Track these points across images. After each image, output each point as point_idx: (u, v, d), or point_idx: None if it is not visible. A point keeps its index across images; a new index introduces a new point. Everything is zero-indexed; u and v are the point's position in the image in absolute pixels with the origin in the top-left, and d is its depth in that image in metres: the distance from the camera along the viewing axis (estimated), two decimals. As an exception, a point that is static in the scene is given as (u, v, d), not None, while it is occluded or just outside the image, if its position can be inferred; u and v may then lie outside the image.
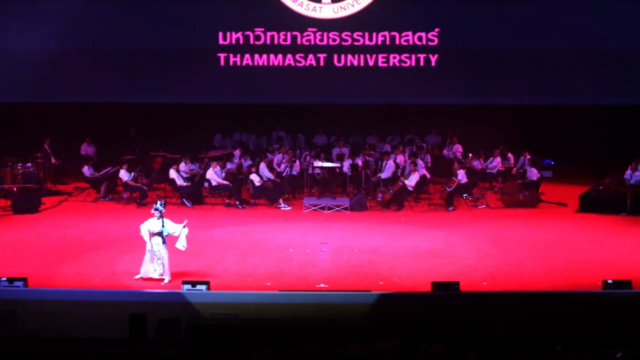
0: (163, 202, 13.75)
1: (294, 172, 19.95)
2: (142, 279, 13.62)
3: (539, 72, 21.34)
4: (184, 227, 13.56)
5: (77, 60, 21.35)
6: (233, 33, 21.92)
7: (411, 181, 18.81)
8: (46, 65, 21.05)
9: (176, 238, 13.55)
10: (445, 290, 12.73)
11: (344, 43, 21.85)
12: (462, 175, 19.12)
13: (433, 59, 21.79)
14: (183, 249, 13.63)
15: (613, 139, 21.10)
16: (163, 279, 13.49)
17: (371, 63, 21.93)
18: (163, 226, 13.45)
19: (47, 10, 20.86)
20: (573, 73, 21.18)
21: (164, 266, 13.53)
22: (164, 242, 13.49)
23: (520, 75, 21.40)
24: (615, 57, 21.07)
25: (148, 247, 13.58)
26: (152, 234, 13.51)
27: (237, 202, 19.13)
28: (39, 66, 21.01)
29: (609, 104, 21.53)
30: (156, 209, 13.47)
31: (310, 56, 21.92)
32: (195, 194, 19.31)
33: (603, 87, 21.36)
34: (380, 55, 21.87)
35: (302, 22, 21.77)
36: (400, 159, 19.89)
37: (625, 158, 19.58)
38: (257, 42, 21.89)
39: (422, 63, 21.83)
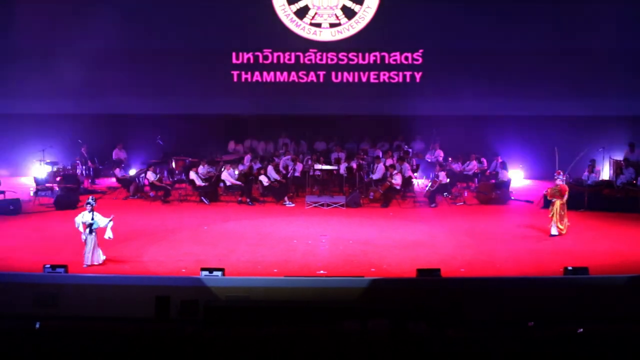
0: (94, 197, 14.18)
1: (297, 174, 19.94)
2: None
3: (507, 89, 21.47)
4: (110, 220, 13.75)
5: (112, 81, 21.47)
6: (245, 53, 21.98)
7: (396, 180, 18.83)
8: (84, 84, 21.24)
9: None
10: (428, 276, 12.72)
11: (340, 62, 21.93)
12: (443, 177, 19.15)
13: (418, 75, 21.88)
14: (109, 239, 13.80)
15: (571, 145, 21.09)
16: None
17: (364, 79, 22.00)
18: (93, 219, 13.58)
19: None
20: (536, 90, 21.31)
21: (85, 253, 13.60)
22: (90, 233, 13.60)
23: (492, 90, 21.49)
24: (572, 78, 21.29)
25: (83, 237, 13.64)
26: (86, 225, 13.63)
27: (248, 200, 19.12)
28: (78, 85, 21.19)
29: (566, 115, 21.56)
30: (88, 203, 13.76)
31: (312, 73, 21.99)
32: (212, 193, 19.29)
33: (561, 102, 21.46)
34: (372, 73, 21.95)
35: (304, 44, 21.87)
36: (389, 162, 19.87)
37: (583, 162, 19.62)
38: (265, 61, 21.98)
39: (408, 79, 21.91)
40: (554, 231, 15.72)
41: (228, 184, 19.20)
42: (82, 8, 21.35)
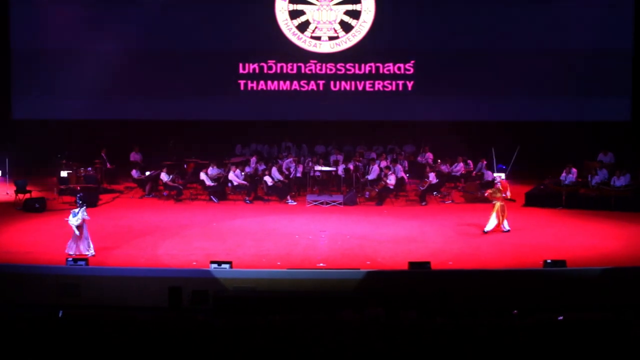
0: (81, 194, 14.87)
1: (299, 175, 19.92)
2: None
3: (490, 98, 21.51)
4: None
5: (130, 90, 21.54)
6: (250, 64, 21.99)
7: (391, 180, 18.80)
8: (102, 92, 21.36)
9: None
10: (419, 269, 12.74)
11: (338, 72, 21.93)
12: (432, 177, 19.13)
13: (409, 84, 21.88)
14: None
15: (551, 148, 21.12)
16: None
17: (360, 88, 22.00)
18: (74, 215, 13.71)
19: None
20: (519, 94, 21.36)
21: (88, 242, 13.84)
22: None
23: (477, 99, 21.53)
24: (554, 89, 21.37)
25: (77, 232, 13.69)
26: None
27: (247, 199, 19.07)
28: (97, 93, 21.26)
29: (547, 120, 21.58)
30: (83, 201, 14.14)
31: (312, 82, 21.99)
32: (220, 192, 19.26)
33: (543, 108, 21.50)
34: (367, 82, 21.95)
35: (305, 56, 21.86)
36: (383, 164, 19.84)
37: (561, 164, 19.63)
38: (269, 72, 21.98)
39: (400, 88, 21.91)
40: (488, 227, 15.60)
41: (235, 184, 19.17)
42: (104, 26, 21.44)
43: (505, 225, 15.74)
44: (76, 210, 13.83)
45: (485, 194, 16.35)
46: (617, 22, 21.22)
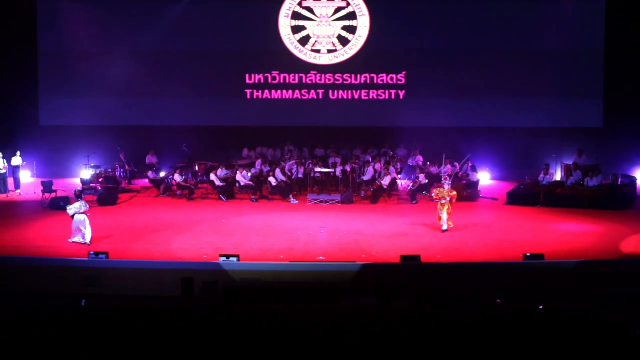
0: (78, 190, 15.21)
1: (300, 176, 19.91)
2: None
3: (476, 105, 21.48)
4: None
5: (146, 98, 21.59)
6: (256, 75, 21.99)
7: (385, 181, 18.79)
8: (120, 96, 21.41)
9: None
10: (410, 261, 12.72)
11: (336, 82, 21.93)
12: (422, 178, 19.11)
13: (401, 93, 21.87)
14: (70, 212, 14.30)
15: (530, 152, 21.12)
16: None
17: (356, 97, 22.00)
18: (69, 207, 14.35)
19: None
20: (501, 102, 21.35)
21: (86, 232, 14.23)
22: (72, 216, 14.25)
23: (464, 106, 21.53)
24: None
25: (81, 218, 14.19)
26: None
27: (253, 197, 19.06)
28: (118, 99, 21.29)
29: (527, 127, 21.54)
30: (80, 195, 14.73)
31: (312, 92, 21.99)
32: (228, 192, 19.25)
33: (524, 115, 21.48)
34: (363, 91, 21.94)
35: (306, 67, 21.87)
36: (377, 166, 19.83)
37: (539, 165, 19.61)
38: (273, 82, 21.98)
39: (393, 97, 21.90)
40: (445, 226, 15.26)
41: (242, 184, 19.16)
42: (120, 42, 21.47)
43: (445, 221, 15.26)
44: (76, 204, 14.30)
45: (432, 195, 15.83)
46: (590, 23, 21.09)
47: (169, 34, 21.49)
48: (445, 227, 15.31)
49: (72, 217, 14.22)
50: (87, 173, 20.21)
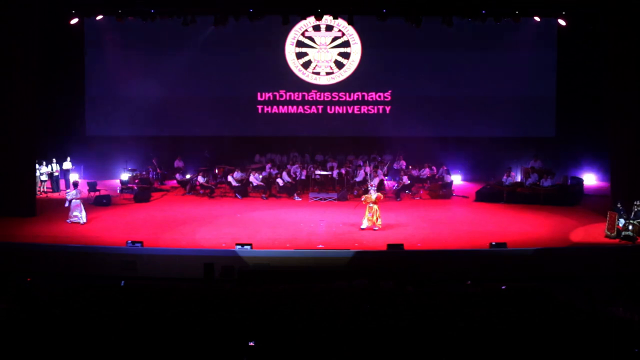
0: (76, 181, 16.00)
1: (303, 177, 19.90)
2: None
3: (450, 119, 21.45)
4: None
5: (174, 114, 21.49)
6: (266, 93, 21.95)
7: (374, 182, 18.71)
8: (152, 111, 21.29)
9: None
10: (395, 249, 12.76)
11: (333, 99, 21.90)
12: (405, 179, 19.11)
13: (388, 109, 21.83)
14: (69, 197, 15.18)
15: (495, 157, 21.09)
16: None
17: (350, 111, 21.97)
18: (68, 193, 15.19)
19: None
20: (471, 116, 21.31)
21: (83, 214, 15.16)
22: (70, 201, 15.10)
23: (440, 119, 21.50)
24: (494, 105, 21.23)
25: (71, 202, 15.09)
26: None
27: (264, 195, 19.05)
28: (151, 114, 21.25)
29: (493, 136, 21.50)
30: (73, 185, 15.68)
31: (313, 107, 21.96)
32: (243, 191, 19.23)
33: (490, 127, 21.44)
34: (355, 107, 21.92)
35: (308, 87, 21.84)
36: (368, 169, 19.81)
37: (502, 169, 19.60)
38: (281, 98, 21.95)
39: (380, 111, 21.87)
40: (365, 224, 14.81)
41: (254, 184, 19.15)
42: (151, 68, 21.39)
43: (365, 222, 14.74)
44: (72, 191, 15.24)
45: (362, 199, 15.36)
46: (542, 73, 21.11)
47: (194, 60, 21.41)
48: (364, 226, 14.76)
49: (70, 201, 15.04)
50: (125, 175, 20.19)
